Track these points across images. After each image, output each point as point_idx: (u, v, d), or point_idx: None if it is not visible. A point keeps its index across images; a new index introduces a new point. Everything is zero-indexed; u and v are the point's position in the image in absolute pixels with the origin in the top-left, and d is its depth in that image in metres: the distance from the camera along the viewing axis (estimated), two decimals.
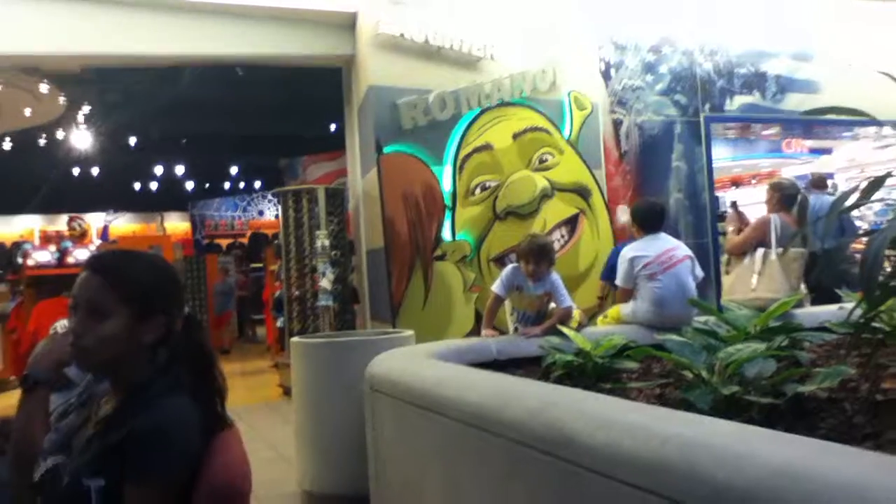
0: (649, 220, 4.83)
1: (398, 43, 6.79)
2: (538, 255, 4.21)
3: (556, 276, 4.35)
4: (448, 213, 6.82)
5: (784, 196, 5.81)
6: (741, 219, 6.21)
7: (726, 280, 5.94)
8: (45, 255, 9.25)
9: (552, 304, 4.35)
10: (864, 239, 2.04)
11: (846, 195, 2.53)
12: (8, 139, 16.36)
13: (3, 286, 10.91)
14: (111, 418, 1.61)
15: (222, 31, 7.11)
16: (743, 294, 5.27)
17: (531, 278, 4.24)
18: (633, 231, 5.06)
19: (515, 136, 7.09)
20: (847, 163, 13.05)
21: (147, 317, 1.62)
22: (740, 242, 5.70)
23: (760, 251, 5.37)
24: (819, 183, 9.51)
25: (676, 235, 5.88)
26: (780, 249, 5.23)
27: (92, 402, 1.83)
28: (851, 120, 9.11)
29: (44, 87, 12.67)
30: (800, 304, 4.80)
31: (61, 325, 2.51)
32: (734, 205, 7.39)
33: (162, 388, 1.59)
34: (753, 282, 5.27)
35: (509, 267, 4.42)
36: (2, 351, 9.60)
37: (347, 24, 7.29)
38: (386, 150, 6.67)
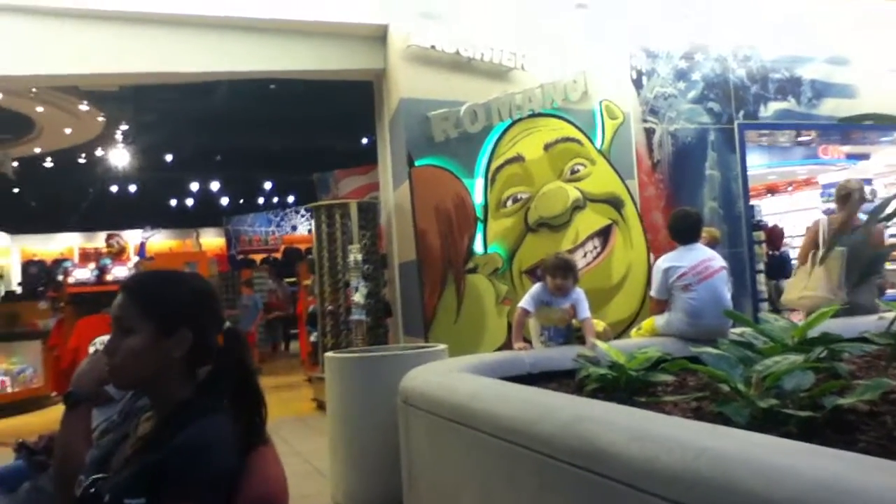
0: (684, 230, 4.77)
1: (429, 55, 6.82)
2: (565, 269, 4.33)
3: (579, 290, 4.41)
4: (480, 226, 6.82)
5: (839, 197, 5.78)
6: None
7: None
8: (84, 273, 9.42)
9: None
10: None
11: (887, 202, 2.48)
12: (49, 158, 16.74)
13: (44, 303, 11.10)
14: (152, 437, 1.62)
15: (254, 47, 7.21)
16: (795, 294, 5.41)
17: (558, 292, 4.29)
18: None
19: (547, 147, 7.07)
20: (886, 168, 12.80)
21: (171, 331, 1.62)
22: (801, 249, 5.80)
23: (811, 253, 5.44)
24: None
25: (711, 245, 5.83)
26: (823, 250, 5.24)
27: (131, 418, 1.85)
28: (888, 125, 8.96)
29: (83, 107, 12.97)
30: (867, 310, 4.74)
31: (101, 341, 2.55)
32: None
33: (202, 406, 1.60)
34: (803, 283, 5.36)
35: (537, 284, 4.47)
36: (43, 367, 9.77)
37: (378, 38, 7.34)
38: (417, 163, 6.69)
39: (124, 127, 15.15)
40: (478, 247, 6.80)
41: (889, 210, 2.60)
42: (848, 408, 2.34)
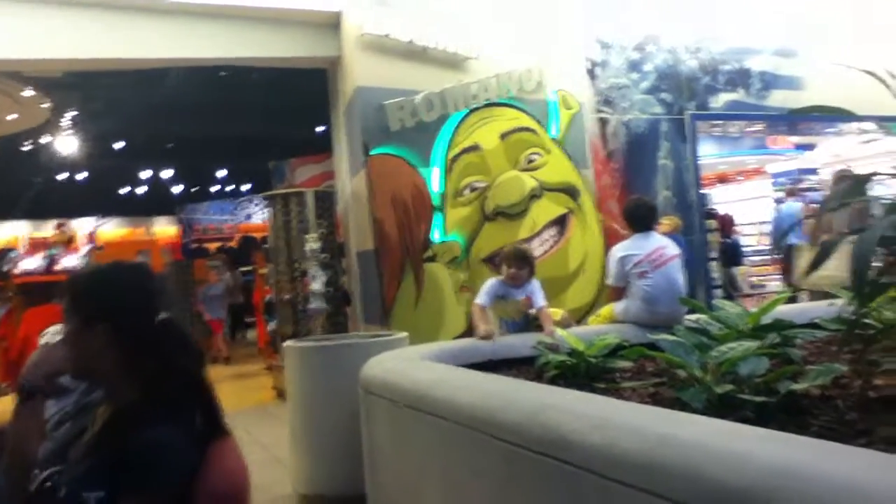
0: (639, 218, 4.83)
1: (383, 43, 6.79)
2: (522, 259, 4.32)
3: (535, 281, 4.43)
4: (437, 215, 6.83)
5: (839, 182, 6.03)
6: None
7: None
8: (33, 262, 9.17)
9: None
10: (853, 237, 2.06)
11: (835, 194, 2.55)
12: None
13: None
14: (106, 430, 1.61)
15: (206, 33, 7.09)
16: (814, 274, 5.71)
17: (513, 282, 4.29)
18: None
19: (503, 137, 7.11)
20: (832, 158, 13.11)
21: (90, 324, 1.63)
22: (811, 231, 6.26)
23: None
24: (791, 192, 10.43)
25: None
26: None
27: (87, 411, 1.83)
28: (835, 117, 9.18)
29: (27, 93, 12.61)
30: None
31: (51, 332, 2.51)
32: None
33: (154, 401, 1.59)
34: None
35: (492, 279, 4.45)
36: None
37: (332, 25, 7.29)
38: (373, 152, 6.67)
39: (72, 114, 14.79)
40: (436, 235, 6.81)
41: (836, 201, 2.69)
42: (801, 392, 2.42)
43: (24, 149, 16.53)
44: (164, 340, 1.64)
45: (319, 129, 15.41)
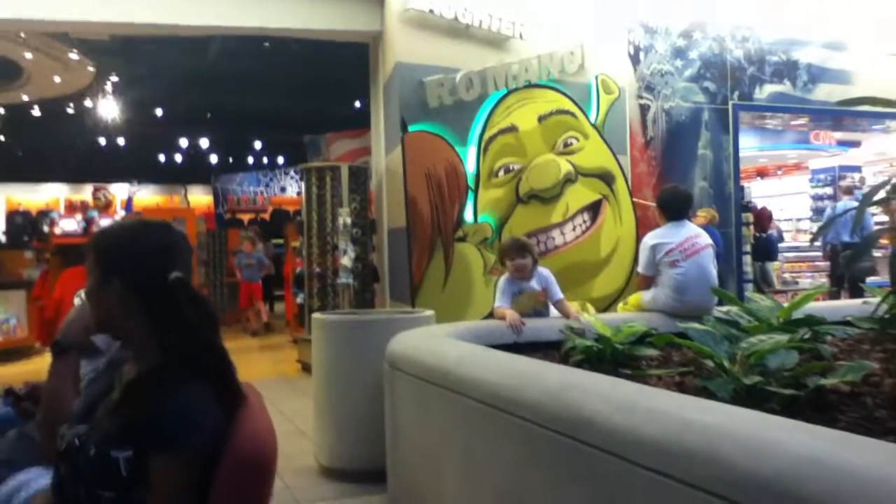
0: (674, 207, 4.77)
1: (426, 19, 6.75)
2: (520, 248, 4.25)
3: (546, 271, 4.39)
4: (471, 195, 6.81)
5: None
6: None
7: None
8: (71, 224, 9.35)
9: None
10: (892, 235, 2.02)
11: (875, 190, 2.50)
12: (37, 107, 16.52)
13: (29, 254, 11.03)
14: (131, 391, 1.63)
15: (250, 3, 7.11)
16: None
17: (519, 273, 4.23)
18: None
19: (541, 119, 7.05)
20: (875, 156, 12.87)
21: (107, 278, 1.66)
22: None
23: None
24: (848, 190, 10.10)
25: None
26: None
27: (115, 367, 1.85)
28: (883, 112, 8.99)
29: (73, 56, 12.78)
30: None
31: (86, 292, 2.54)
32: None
33: (177, 363, 1.61)
34: None
35: (500, 280, 4.39)
36: (28, 318, 9.73)
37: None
38: (411, 128, 6.66)
39: (115, 79, 14.96)
40: (468, 215, 6.79)
41: (878, 196, 2.63)
42: (830, 388, 2.38)
43: (67, 112, 16.77)
44: (177, 301, 1.63)
45: (357, 104, 15.45)
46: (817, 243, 10.51)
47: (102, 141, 19.71)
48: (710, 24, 7.82)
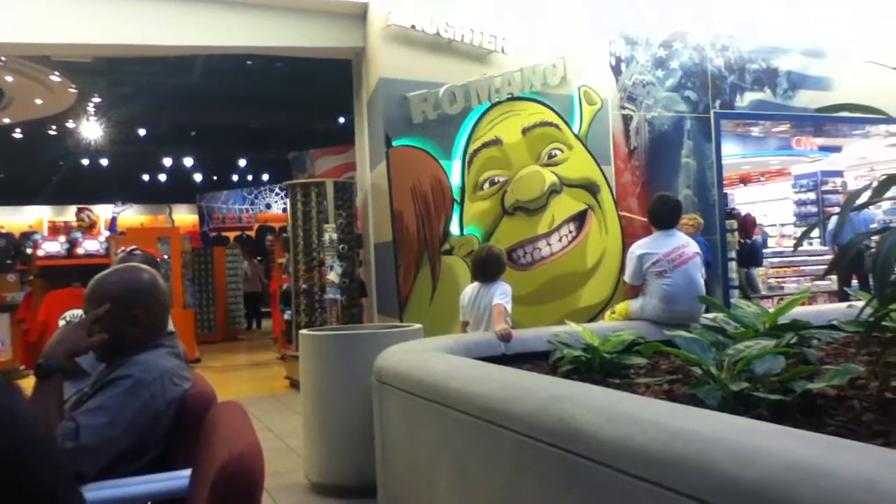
0: (664, 215, 4.78)
1: (409, 35, 6.78)
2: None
3: (503, 283, 4.68)
4: (456, 208, 6.82)
5: None
6: None
7: None
8: (54, 246, 9.26)
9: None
10: (876, 238, 2.04)
11: (857, 193, 2.52)
12: (18, 129, 16.44)
13: (12, 276, 10.93)
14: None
15: (232, 22, 7.13)
16: None
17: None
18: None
19: (525, 131, 7.09)
20: (857, 161, 13.01)
21: None
22: None
23: None
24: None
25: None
26: None
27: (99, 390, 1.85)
28: (863, 118, 9.08)
29: (55, 78, 12.73)
30: None
31: (71, 315, 2.53)
32: None
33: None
34: None
35: (504, 284, 4.68)
36: (12, 341, 9.64)
37: (358, 16, 7.30)
38: (395, 143, 6.67)
39: (97, 100, 14.92)
40: (454, 229, 6.80)
41: (861, 201, 2.65)
42: (817, 392, 2.39)
43: (49, 133, 16.69)
44: None
45: (341, 120, 15.48)
46: (810, 246, 10.60)
47: (86, 162, 19.63)
48: (691, 33, 7.89)
